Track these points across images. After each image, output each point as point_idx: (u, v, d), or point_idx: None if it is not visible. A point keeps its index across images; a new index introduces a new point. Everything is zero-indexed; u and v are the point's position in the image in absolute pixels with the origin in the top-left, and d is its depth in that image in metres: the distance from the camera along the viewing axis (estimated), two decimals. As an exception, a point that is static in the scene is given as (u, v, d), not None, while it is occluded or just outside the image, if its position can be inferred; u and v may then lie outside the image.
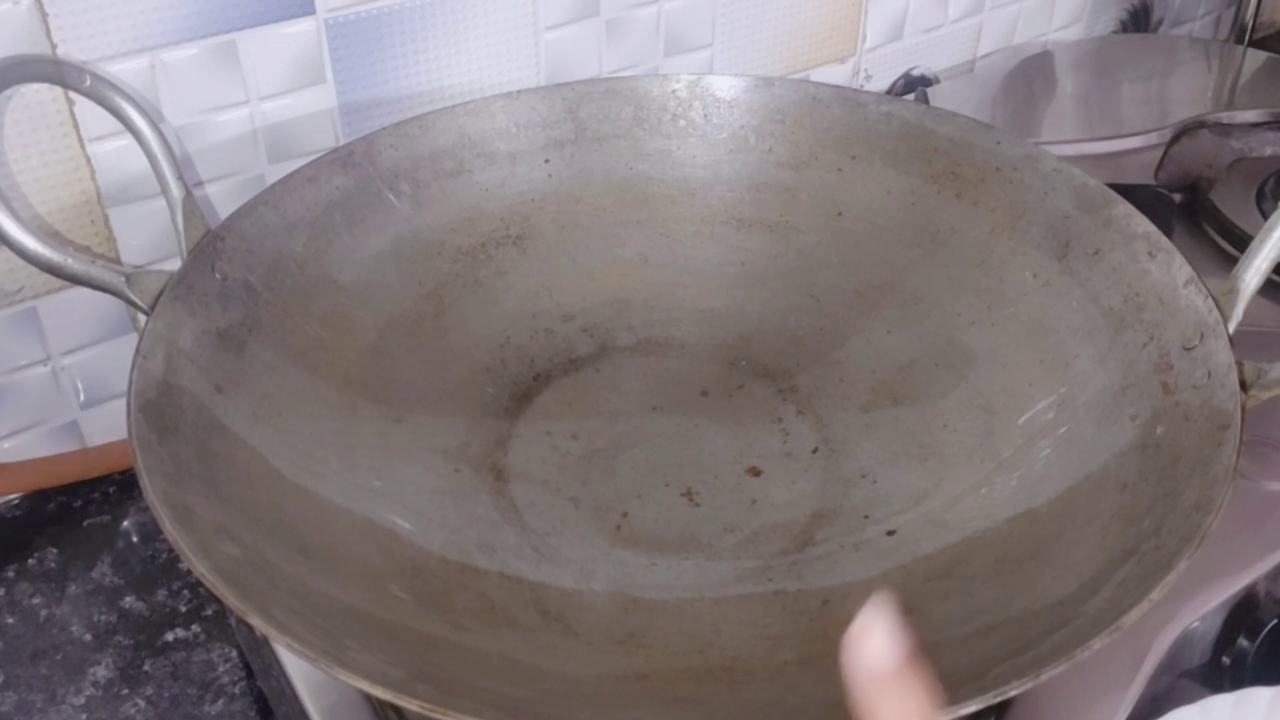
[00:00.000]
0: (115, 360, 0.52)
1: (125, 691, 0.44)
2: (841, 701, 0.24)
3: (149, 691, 0.44)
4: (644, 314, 0.52)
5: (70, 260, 0.41)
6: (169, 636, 0.46)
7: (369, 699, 0.40)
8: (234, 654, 0.46)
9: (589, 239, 0.53)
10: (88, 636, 0.46)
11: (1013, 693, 0.29)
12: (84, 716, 0.43)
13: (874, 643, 0.24)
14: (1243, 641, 0.42)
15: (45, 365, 0.50)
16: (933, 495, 0.43)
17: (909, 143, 0.51)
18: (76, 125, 0.47)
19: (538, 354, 0.50)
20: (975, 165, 0.50)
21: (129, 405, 0.36)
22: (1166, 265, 0.42)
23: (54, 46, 0.45)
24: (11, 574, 0.49)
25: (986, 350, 0.46)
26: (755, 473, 0.45)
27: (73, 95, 0.46)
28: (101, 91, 0.44)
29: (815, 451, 0.46)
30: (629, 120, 0.54)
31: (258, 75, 0.50)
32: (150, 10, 0.46)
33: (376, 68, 0.53)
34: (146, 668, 0.45)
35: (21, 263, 0.42)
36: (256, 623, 0.30)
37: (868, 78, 0.73)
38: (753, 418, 0.47)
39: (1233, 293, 0.40)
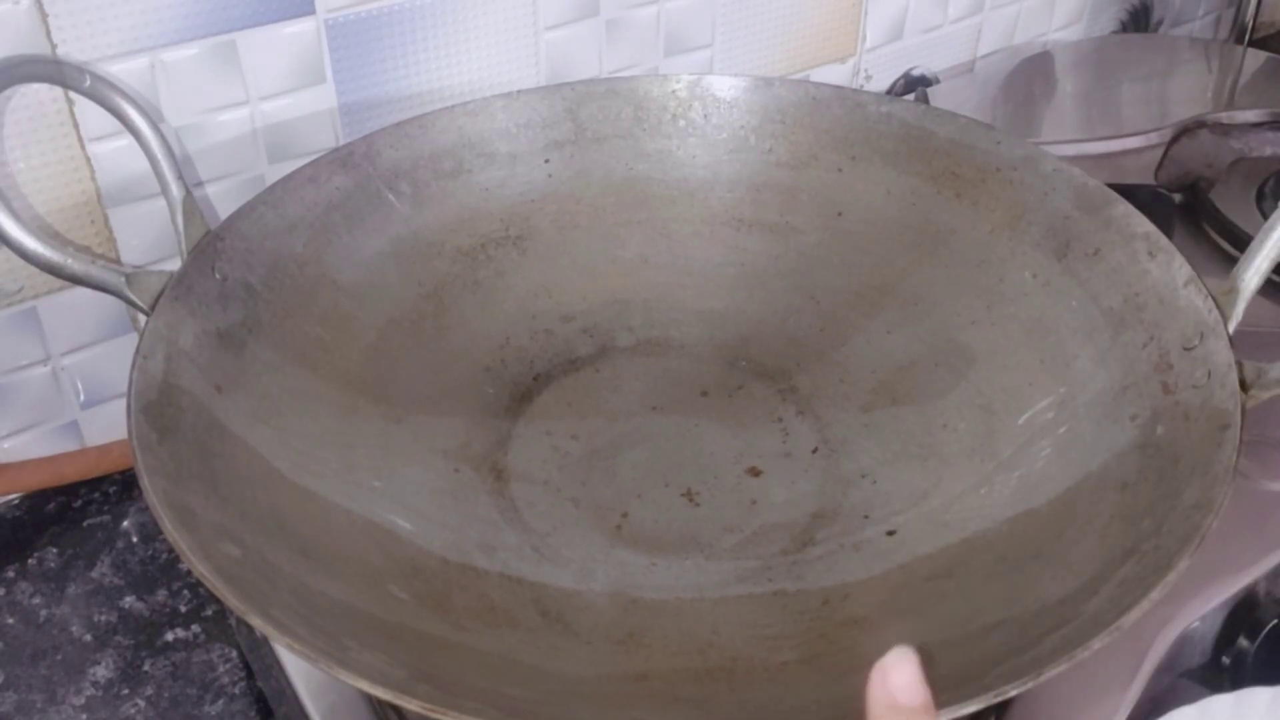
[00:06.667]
0: (115, 360, 0.52)
1: (125, 691, 0.44)
2: (841, 701, 0.24)
3: (149, 691, 0.44)
4: (644, 314, 0.52)
5: (70, 260, 0.41)
6: (169, 636, 0.46)
7: (369, 699, 0.40)
8: (234, 654, 0.46)
9: (589, 239, 0.53)
10: (88, 636, 0.46)
11: (1013, 693, 0.29)
12: (84, 716, 0.43)
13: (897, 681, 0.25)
14: (1243, 641, 0.42)
15: (45, 365, 0.50)
16: (933, 495, 0.43)
17: (909, 143, 0.51)
18: (76, 125, 0.47)
19: (538, 354, 0.50)
20: (975, 165, 0.50)
21: (129, 405, 0.36)
22: (1166, 265, 0.42)
23: (54, 46, 0.45)
24: (11, 574, 0.49)
25: (986, 350, 0.46)
26: (755, 473, 0.45)
27: (73, 95, 0.46)
28: (101, 91, 0.44)
29: (815, 451, 0.46)
30: (629, 120, 0.54)
31: (258, 75, 0.50)
32: (150, 10, 0.46)
33: (376, 68, 0.53)
34: (146, 668, 0.45)
35: (21, 263, 0.42)
36: (256, 623, 0.30)
37: (868, 78, 0.73)
38: (753, 418, 0.47)
39: (1233, 293, 0.40)
